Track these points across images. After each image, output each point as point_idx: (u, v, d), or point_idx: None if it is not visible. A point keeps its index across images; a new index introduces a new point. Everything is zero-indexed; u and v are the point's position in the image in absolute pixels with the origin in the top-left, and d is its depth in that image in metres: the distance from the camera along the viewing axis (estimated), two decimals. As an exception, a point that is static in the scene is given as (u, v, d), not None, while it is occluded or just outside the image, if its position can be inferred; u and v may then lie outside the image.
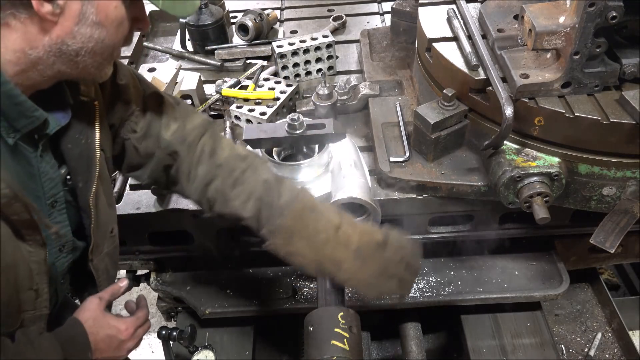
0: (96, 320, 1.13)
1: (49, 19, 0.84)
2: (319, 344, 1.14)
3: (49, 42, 0.87)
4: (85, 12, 0.87)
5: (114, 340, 1.15)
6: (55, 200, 1.06)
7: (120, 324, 1.17)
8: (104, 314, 1.15)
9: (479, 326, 1.73)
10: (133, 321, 1.20)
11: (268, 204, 1.18)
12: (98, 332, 1.12)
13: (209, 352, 1.72)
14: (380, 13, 2.41)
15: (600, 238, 1.32)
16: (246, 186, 1.20)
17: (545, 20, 1.26)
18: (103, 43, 0.92)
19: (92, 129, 1.10)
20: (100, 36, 0.91)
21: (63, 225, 1.10)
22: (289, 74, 2.00)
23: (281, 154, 1.62)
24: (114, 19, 0.92)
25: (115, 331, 1.15)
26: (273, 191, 1.19)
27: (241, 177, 1.21)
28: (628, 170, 1.32)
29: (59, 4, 0.84)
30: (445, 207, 1.55)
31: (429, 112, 1.45)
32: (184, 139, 1.25)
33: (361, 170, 1.50)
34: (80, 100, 1.06)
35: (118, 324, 1.17)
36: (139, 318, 1.23)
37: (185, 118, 1.28)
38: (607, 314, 2.08)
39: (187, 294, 1.74)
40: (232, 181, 1.21)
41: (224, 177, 1.22)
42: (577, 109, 1.27)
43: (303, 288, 1.72)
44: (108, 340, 1.14)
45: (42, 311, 1.05)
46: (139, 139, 1.24)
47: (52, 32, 0.87)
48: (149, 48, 2.29)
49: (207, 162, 1.23)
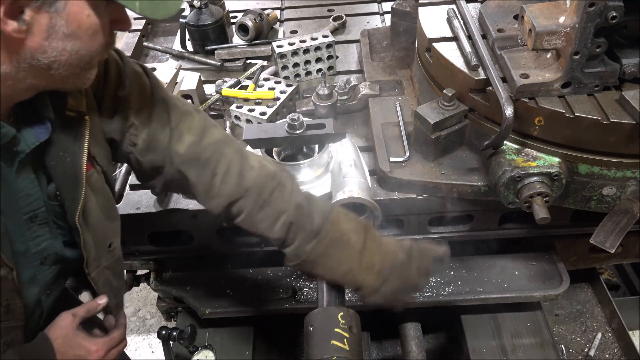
0: (66, 339, 1.08)
1: (15, 36, 0.79)
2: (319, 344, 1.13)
3: (16, 59, 0.83)
4: (54, 25, 0.81)
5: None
6: (35, 215, 1.03)
7: (92, 345, 1.12)
8: (75, 333, 1.10)
9: (479, 326, 1.73)
10: (106, 342, 1.15)
11: (299, 227, 1.17)
12: (67, 352, 1.08)
13: (209, 352, 1.72)
14: (380, 13, 2.41)
15: (600, 238, 1.32)
16: (274, 207, 1.17)
17: (545, 20, 1.26)
18: (78, 54, 0.87)
19: (80, 145, 1.04)
20: (73, 48, 0.85)
21: (44, 238, 1.07)
22: (289, 74, 2.00)
23: (281, 154, 1.62)
24: (87, 29, 0.85)
25: (85, 352, 1.11)
26: (304, 216, 1.17)
27: (269, 198, 1.17)
28: (628, 170, 1.32)
29: (25, 20, 0.78)
30: (445, 207, 1.55)
31: (429, 112, 1.45)
32: (198, 157, 1.16)
33: (361, 170, 1.50)
34: (66, 115, 1.00)
35: (89, 345, 1.12)
36: (112, 339, 1.17)
37: (203, 131, 1.18)
38: (607, 314, 2.08)
39: (187, 294, 1.74)
40: (261, 202, 1.17)
41: (252, 198, 1.17)
42: (577, 109, 1.27)
43: (303, 288, 1.72)
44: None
45: (16, 322, 1.03)
46: (142, 152, 1.16)
47: (20, 49, 0.82)
48: (149, 48, 2.29)
49: (234, 183, 1.16)
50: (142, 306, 3.03)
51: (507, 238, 1.69)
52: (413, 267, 1.22)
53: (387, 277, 1.19)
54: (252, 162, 1.20)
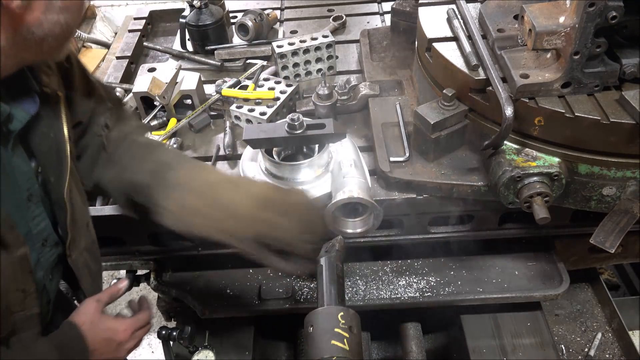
0: (93, 324, 1.11)
1: (17, 12, 0.82)
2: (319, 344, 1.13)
3: (13, 34, 0.85)
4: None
5: (112, 342, 1.14)
6: (31, 194, 1.04)
7: (119, 325, 1.15)
8: (100, 316, 1.13)
9: (479, 326, 1.72)
10: (132, 322, 1.18)
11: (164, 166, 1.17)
12: (95, 336, 1.10)
13: (209, 352, 1.72)
14: (380, 13, 2.41)
15: (600, 238, 1.32)
16: (140, 156, 1.21)
17: (545, 20, 1.26)
18: (68, 26, 0.90)
19: (59, 121, 1.07)
20: (66, 20, 0.89)
21: (42, 218, 1.08)
22: (289, 74, 2.00)
23: (281, 154, 1.62)
24: (78, 1, 0.90)
25: (112, 333, 1.14)
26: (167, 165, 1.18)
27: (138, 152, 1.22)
28: (628, 170, 1.32)
29: None
30: (445, 207, 1.55)
31: (429, 112, 1.45)
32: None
33: (361, 170, 1.50)
34: (44, 91, 1.03)
35: (116, 325, 1.15)
36: (138, 320, 1.21)
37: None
38: (607, 314, 2.08)
39: (187, 294, 1.74)
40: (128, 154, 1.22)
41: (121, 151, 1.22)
42: (577, 109, 1.27)
43: (303, 288, 1.72)
44: (106, 343, 1.12)
45: (32, 310, 1.04)
46: (108, 137, 1.21)
47: (19, 24, 0.84)
48: (149, 48, 2.29)
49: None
50: (142, 306, 3.03)
51: (507, 238, 1.69)
52: (294, 196, 1.19)
53: (265, 202, 1.12)
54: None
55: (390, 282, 1.70)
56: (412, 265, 1.75)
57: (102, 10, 4.88)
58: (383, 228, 1.62)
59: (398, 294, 1.67)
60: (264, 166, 1.58)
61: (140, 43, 2.31)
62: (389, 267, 1.75)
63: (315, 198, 1.24)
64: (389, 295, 1.67)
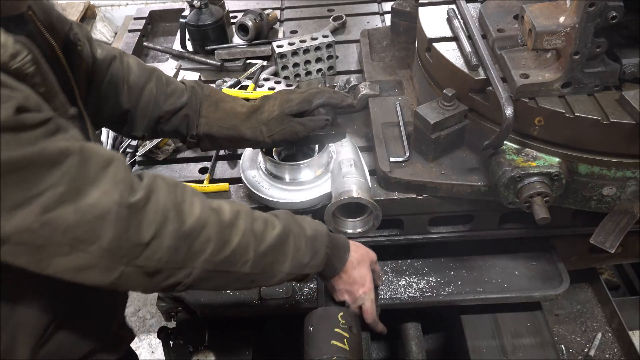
0: (354, 244, 1.28)
1: None
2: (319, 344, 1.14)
3: None
4: None
5: (365, 255, 1.28)
6: None
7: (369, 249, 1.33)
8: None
9: (479, 326, 1.72)
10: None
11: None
12: (356, 248, 1.26)
13: (209, 352, 1.72)
14: (380, 13, 2.41)
15: (600, 238, 1.32)
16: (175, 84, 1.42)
17: (545, 20, 1.26)
18: None
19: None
20: None
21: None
22: (289, 74, 2.00)
23: (281, 154, 1.62)
24: None
25: (365, 251, 1.28)
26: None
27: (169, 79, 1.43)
28: (628, 170, 1.32)
29: None
30: (445, 207, 1.55)
31: (429, 112, 1.45)
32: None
33: (361, 170, 1.50)
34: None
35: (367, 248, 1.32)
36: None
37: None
38: (607, 314, 2.08)
39: (187, 294, 1.73)
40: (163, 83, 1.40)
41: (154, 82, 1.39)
42: (577, 109, 1.27)
43: (303, 288, 1.72)
44: (361, 253, 1.27)
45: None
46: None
47: None
48: (149, 48, 2.29)
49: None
50: (142, 306, 3.03)
51: (507, 238, 1.69)
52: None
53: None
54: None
55: (390, 282, 1.70)
56: (412, 265, 1.75)
57: (102, 10, 4.88)
58: (383, 228, 1.62)
59: (398, 294, 1.67)
60: (264, 166, 1.58)
61: (140, 43, 2.31)
62: (389, 267, 1.75)
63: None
64: (389, 295, 1.67)
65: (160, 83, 1.39)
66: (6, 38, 0.82)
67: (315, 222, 1.18)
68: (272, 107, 1.40)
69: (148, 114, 1.38)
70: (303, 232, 1.12)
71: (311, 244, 1.12)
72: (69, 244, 0.85)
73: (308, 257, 1.11)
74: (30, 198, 0.81)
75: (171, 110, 1.39)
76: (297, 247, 1.10)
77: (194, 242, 0.97)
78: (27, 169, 0.80)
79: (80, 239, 0.86)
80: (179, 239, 0.95)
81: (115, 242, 0.88)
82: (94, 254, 0.88)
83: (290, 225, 1.11)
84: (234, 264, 1.03)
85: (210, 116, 1.40)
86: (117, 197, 0.88)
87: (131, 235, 0.90)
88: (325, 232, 1.17)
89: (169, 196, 0.96)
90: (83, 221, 0.85)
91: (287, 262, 1.09)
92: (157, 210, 0.93)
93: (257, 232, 1.05)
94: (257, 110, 1.41)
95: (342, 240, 1.23)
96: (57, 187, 0.83)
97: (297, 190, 1.52)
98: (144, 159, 1.78)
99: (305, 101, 1.38)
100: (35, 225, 0.82)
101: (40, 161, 0.82)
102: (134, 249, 0.91)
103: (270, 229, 1.07)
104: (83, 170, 0.86)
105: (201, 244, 0.98)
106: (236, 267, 1.03)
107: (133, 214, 0.90)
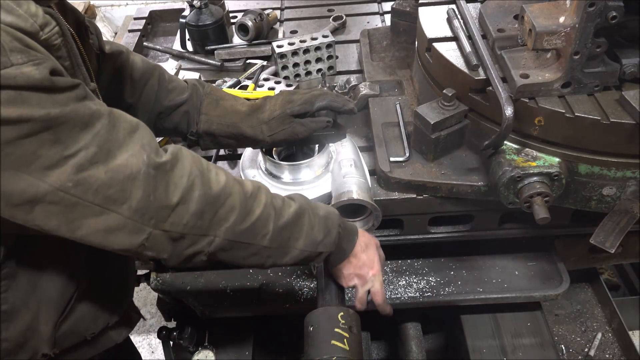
0: (362, 232, 1.28)
1: None
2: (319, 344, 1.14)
3: None
4: None
5: (371, 241, 1.28)
6: None
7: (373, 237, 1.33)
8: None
9: (479, 326, 1.73)
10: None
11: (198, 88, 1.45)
12: (362, 234, 1.27)
13: (209, 352, 1.72)
14: (380, 13, 2.41)
15: (600, 238, 1.32)
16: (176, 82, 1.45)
17: (545, 20, 1.26)
18: None
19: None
20: None
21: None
22: (289, 74, 2.00)
23: (281, 154, 1.62)
24: None
25: (368, 239, 1.28)
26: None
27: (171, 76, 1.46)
28: (628, 170, 1.32)
29: None
30: (445, 207, 1.55)
31: (429, 112, 1.45)
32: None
33: (361, 170, 1.50)
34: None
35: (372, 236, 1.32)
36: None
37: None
38: (607, 314, 2.08)
39: (187, 294, 1.74)
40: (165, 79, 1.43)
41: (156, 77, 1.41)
42: (577, 109, 1.27)
43: (303, 288, 1.72)
44: (366, 239, 1.27)
45: None
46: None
47: None
48: (149, 48, 2.29)
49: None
50: (142, 306, 3.04)
51: (507, 238, 1.69)
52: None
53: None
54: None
55: (390, 282, 1.71)
56: (412, 265, 1.75)
57: (102, 10, 4.88)
58: (383, 228, 1.62)
59: (398, 294, 1.67)
60: (264, 166, 1.58)
61: (140, 43, 2.31)
62: (389, 267, 1.75)
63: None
64: (389, 295, 1.67)
65: (162, 79, 1.41)
66: (36, 8, 0.85)
67: (327, 206, 1.23)
68: (274, 106, 1.40)
69: (149, 109, 1.40)
70: (317, 211, 1.16)
71: (324, 222, 1.16)
72: (100, 204, 0.88)
73: (322, 235, 1.15)
74: (65, 158, 0.84)
75: (172, 106, 1.40)
76: (311, 224, 1.13)
77: (219, 209, 1.01)
78: (62, 127, 0.83)
79: (112, 198, 0.89)
80: (205, 204, 0.98)
81: (144, 202, 0.91)
82: (123, 214, 0.90)
83: (305, 205, 1.15)
84: (254, 236, 1.06)
85: (211, 113, 1.41)
86: (145, 158, 0.92)
87: (159, 196, 0.93)
88: (337, 214, 1.21)
89: (195, 164, 1.00)
90: (114, 180, 0.88)
91: (302, 238, 1.12)
92: (183, 175, 0.97)
93: (277, 207, 1.09)
94: (259, 109, 1.41)
95: (352, 224, 1.27)
96: (89, 148, 0.86)
97: (297, 190, 1.52)
98: (144, 159, 1.77)
99: (307, 102, 1.39)
100: (69, 184, 0.85)
101: (74, 121, 0.85)
102: (161, 210, 0.94)
103: (287, 206, 1.11)
104: (112, 133, 0.90)
105: (226, 211, 1.01)
106: (256, 239, 1.07)
107: (161, 175, 0.94)
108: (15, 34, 0.80)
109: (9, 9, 0.80)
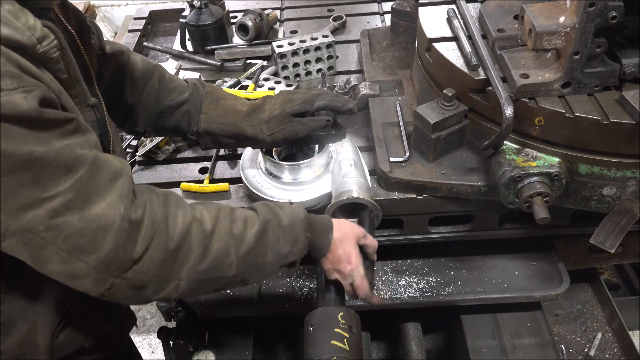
0: (338, 222, 1.24)
1: None
2: (319, 344, 1.14)
3: None
4: None
5: (349, 231, 1.23)
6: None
7: (355, 226, 1.27)
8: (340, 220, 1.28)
9: (479, 326, 1.72)
10: (362, 230, 1.28)
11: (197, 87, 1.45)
12: (339, 224, 1.23)
13: (209, 352, 1.72)
14: (380, 13, 2.41)
15: (600, 238, 1.32)
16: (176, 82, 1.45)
17: (545, 20, 1.26)
18: None
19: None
20: None
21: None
22: (289, 74, 2.00)
23: (281, 154, 1.62)
24: None
25: (349, 228, 1.24)
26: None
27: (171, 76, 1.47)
28: (628, 170, 1.32)
29: None
30: (445, 207, 1.55)
31: (429, 112, 1.45)
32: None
33: (361, 170, 1.50)
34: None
35: (353, 225, 1.27)
36: (369, 237, 1.29)
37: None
38: (607, 314, 2.08)
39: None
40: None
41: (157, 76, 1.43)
42: (577, 109, 1.27)
43: (303, 288, 1.72)
44: (344, 231, 1.23)
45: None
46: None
47: None
48: (149, 48, 2.29)
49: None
50: (142, 306, 3.03)
51: (507, 238, 1.69)
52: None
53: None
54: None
55: (390, 282, 1.71)
56: (412, 265, 1.75)
57: (102, 10, 4.87)
58: (383, 228, 1.62)
59: (398, 294, 1.67)
60: (264, 166, 1.58)
61: (140, 43, 2.31)
62: (389, 267, 1.75)
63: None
64: (389, 295, 1.67)
65: (163, 79, 1.42)
66: (35, 21, 0.84)
67: (292, 208, 1.17)
68: (274, 106, 1.40)
69: (150, 109, 1.40)
70: (281, 222, 1.12)
71: (290, 232, 1.13)
72: (67, 251, 0.86)
73: (288, 246, 1.12)
74: (41, 200, 0.82)
75: (172, 105, 1.41)
76: (276, 237, 1.11)
77: (178, 253, 0.98)
78: (44, 169, 0.81)
79: (81, 247, 0.87)
80: (166, 252, 0.96)
81: (112, 255, 0.89)
82: (90, 264, 0.89)
83: (267, 218, 1.11)
84: (219, 269, 1.04)
85: (211, 112, 1.41)
86: (122, 210, 0.89)
87: (127, 250, 0.91)
88: (303, 217, 1.16)
89: (159, 209, 0.98)
90: (87, 229, 0.86)
91: (269, 254, 1.10)
92: (149, 226, 0.94)
93: (236, 234, 1.06)
94: (259, 108, 1.41)
95: (324, 220, 1.22)
96: (68, 194, 0.84)
97: (297, 190, 1.52)
98: (144, 159, 1.78)
99: (307, 102, 1.39)
100: (40, 228, 0.83)
101: (56, 163, 0.83)
102: (126, 262, 0.92)
103: (250, 227, 1.08)
104: (94, 179, 0.88)
105: (184, 253, 0.99)
106: (222, 272, 1.04)
107: (133, 230, 0.92)
108: (9, 55, 0.78)
109: (6, 22, 0.79)
